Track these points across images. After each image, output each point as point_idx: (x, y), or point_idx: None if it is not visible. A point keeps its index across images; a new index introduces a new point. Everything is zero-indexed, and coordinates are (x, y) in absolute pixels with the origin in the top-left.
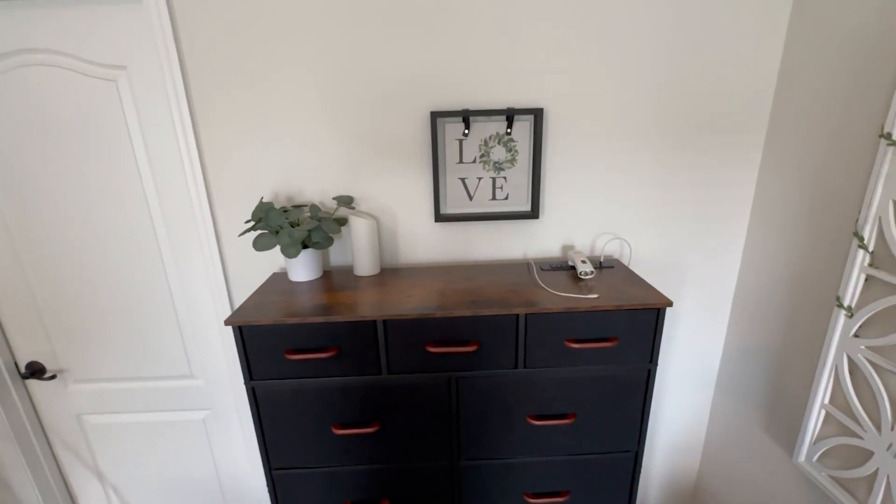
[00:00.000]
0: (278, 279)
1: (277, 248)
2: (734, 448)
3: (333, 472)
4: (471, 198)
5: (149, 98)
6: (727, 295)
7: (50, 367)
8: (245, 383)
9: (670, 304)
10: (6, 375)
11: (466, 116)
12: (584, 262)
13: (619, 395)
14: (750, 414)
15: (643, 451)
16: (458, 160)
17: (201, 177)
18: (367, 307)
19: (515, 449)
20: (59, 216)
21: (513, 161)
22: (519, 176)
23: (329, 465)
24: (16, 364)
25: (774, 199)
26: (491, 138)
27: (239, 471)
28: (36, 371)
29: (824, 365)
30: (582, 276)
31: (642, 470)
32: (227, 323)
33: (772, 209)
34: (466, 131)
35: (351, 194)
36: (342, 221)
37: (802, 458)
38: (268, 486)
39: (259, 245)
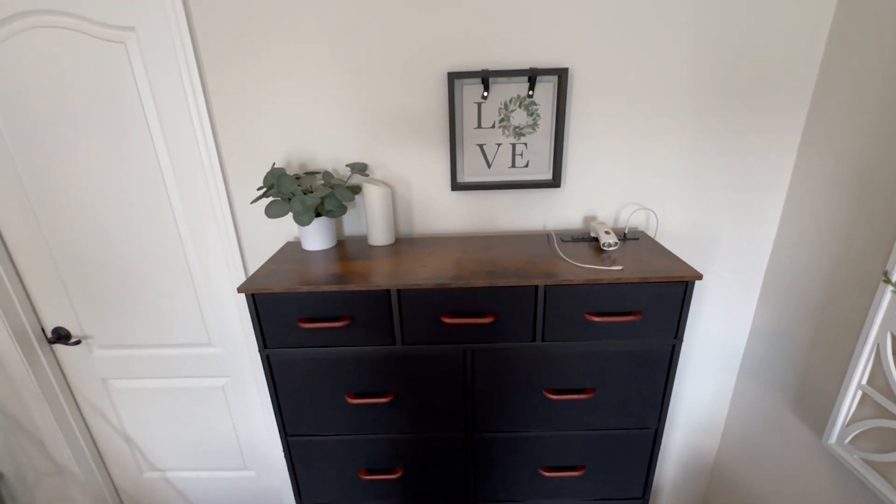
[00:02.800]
0: (292, 248)
1: (291, 216)
2: (757, 428)
3: (348, 441)
4: (489, 165)
5: (159, 61)
6: (758, 270)
7: (75, 332)
8: (259, 351)
9: (700, 276)
10: (34, 340)
11: (486, 77)
12: (607, 232)
13: (641, 371)
14: (776, 394)
15: (663, 428)
16: (476, 125)
17: (213, 142)
18: (381, 276)
19: (531, 422)
20: (75, 183)
21: (534, 126)
22: (540, 142)
23: (344, 433)
24: (42, 330)
25: (818, 167)
26: (511, 101)
27: (257, 436)
28: (62, 336)
29: (865, 343)
30: (605, 248)
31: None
32: (239, 290)
33: (814, 178)
34: (485, 94)
35: (365, 161)
36: (356, 189)
37: (833, 439)
38: (284, 452)
39: (271, 212)
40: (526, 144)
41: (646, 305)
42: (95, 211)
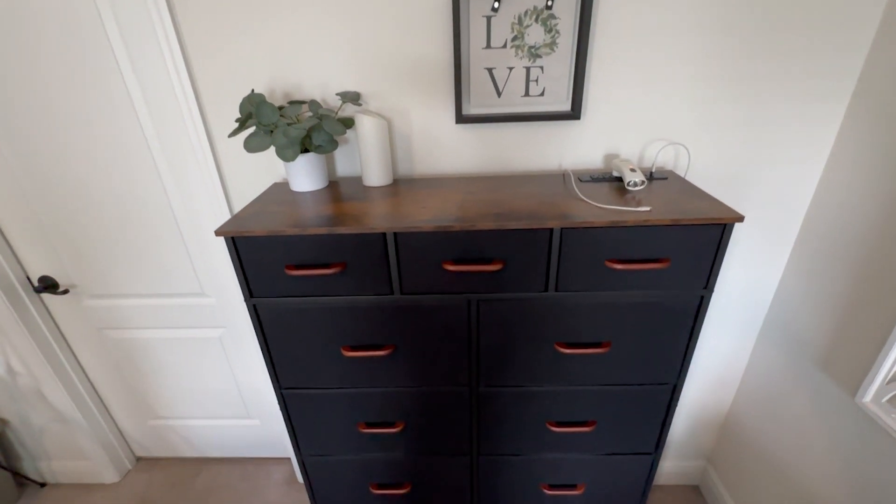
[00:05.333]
0: (279, 189)
1: (278, 157)
2: (778, 384)
3: (345, 394)
4: (499, 94)
5: None
6: (797, 214)
7: (62, 282)
8: (245, 300)
9: (740, 218)
10: (20, 289)
11: None
12: (633, 170)
13: (664, 324)
14: (803, 349)
15: (683, 384)
16: (484, 44)
17: (185, 70)
18: (376, 218)
19: (540, 377)
20: (46, 125)
21: (552, 45)
22: (559, 66)
23: (340, 386)
24: (28, 279)
25: (881, 95)
26: (526, 14)
27: (258, 386)
28: (49, 286)
29: None
30: (630, 188)
31: None
32: (218, 233)
33: (875, 109)
34: (496, 4)
35: (357, 90)
36: (348, 122)
37: (868, 398)
38: (279, 404)
39: (251, 145)
40: (542, 68)
41: (675, 252)
42: (68, 153)
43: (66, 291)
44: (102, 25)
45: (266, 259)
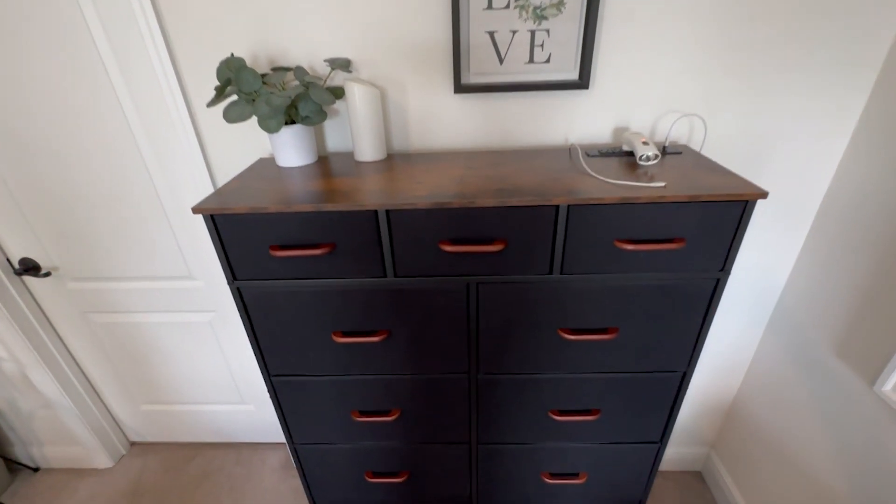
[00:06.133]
0: (264, 164)
1: (261, 128)
2: (788, 371)
3: (338, 381)
4: (501, 60)
5: None
6: (817, 192)
7: (44, 264)
8: (228, 283)
9: (764, 195)
10: (0, 272)
11: None
12: (645, 143)
13: (675, 309)
14: (818, 334)
15: (693, 372)
16: (485, 4)
17: (158, 30)
18: (368, 195)
19: (543, 364)
20: (18, 101)
21: (560, 6)
22: (566, 28)
23: (332, 373)
24: (9, 261)
25: None
26: None
27: (251, 372)
28: (30, 268)
29: None
30: (642, 162)
31: None
32: (195, 211)
33: None
34: None
35: (347, 57)
36: (338, 92)
37: (889, 386)
38: (269, 392)
39: (231, 115)
40: (548, 32)
41: (690, 231)
42: (43, 128)
43: (48, 274)
44: None
45: (249, 239)
